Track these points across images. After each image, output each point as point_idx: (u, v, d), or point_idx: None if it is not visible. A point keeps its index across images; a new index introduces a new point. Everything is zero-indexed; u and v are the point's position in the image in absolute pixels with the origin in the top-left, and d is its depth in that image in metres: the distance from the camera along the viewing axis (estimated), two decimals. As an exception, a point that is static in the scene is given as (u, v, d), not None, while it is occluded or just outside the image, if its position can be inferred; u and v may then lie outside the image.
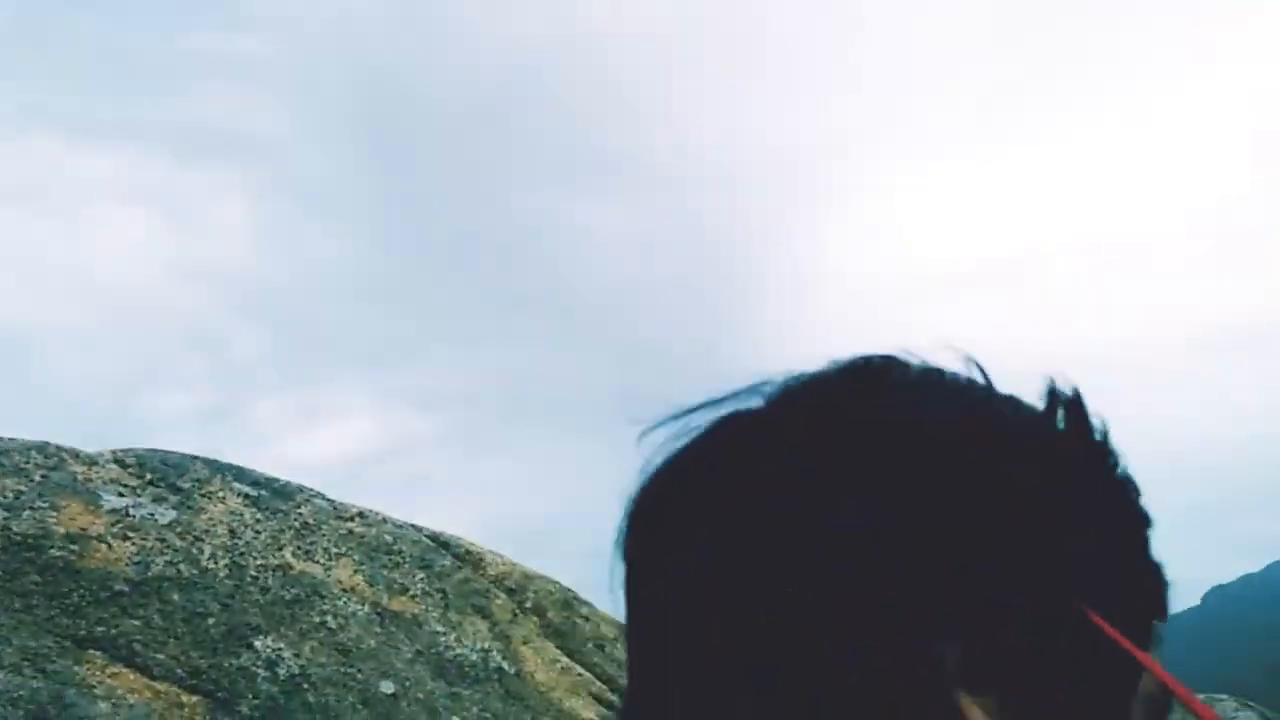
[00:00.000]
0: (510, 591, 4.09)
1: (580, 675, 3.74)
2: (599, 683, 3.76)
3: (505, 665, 3.59)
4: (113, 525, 3.13)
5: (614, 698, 3.72)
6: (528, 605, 4.06)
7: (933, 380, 0.41)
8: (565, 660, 3.80)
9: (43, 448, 3.33)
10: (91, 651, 2.67)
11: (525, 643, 3.78)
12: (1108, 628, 0.37)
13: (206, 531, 3.35)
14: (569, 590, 4.33)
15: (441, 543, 4.19)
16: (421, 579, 3.81)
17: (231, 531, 3.44)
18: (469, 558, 4.17)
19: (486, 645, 3.64)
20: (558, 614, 4.08)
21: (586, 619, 4.12)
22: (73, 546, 2.96)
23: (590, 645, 3.96)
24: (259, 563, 3.36)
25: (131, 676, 2.66)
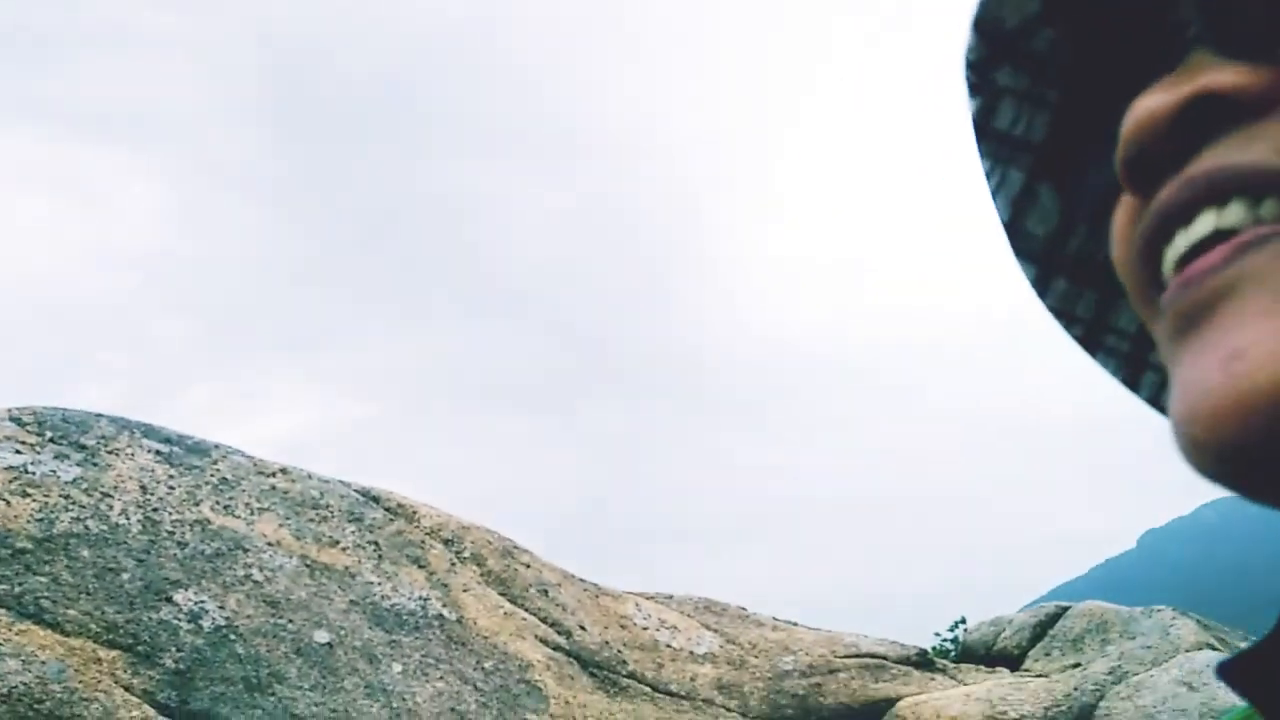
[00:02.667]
0: (447, 542, 3.95)
1: (525, 619, 3.63)
2: (544, 626, 3.66)
3: (446, 612, 3.46)
4: (10, 482, 2.89)
5: (560, 639, 3.63)
6: (465, 555, 3.93)
7: None
8: (508, 606, 3.69)
9: (-74, 405, 3.07)
10: (-7, 609, 2.46)
11: (465, 590, 3.66)
12: None
13: (115, 488, 3.13)
14: (508, 539, 4.21)
15: (372, 497, 4.02)
16: (352, 532, 3.65)
17: (143, 488, 3.22)
18: (401, 511, 4.01)
19: (425, 594, 3.51)
20: (497, 562, 3.96)
21: (527, 566, 4.01)
22: (-34, 504, 2.72)
23: (533, 590, 3.85)
24: (174, 518, 3.16)
25: (41, 633, 2.46)
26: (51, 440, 3.24)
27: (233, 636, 2.79)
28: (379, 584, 3.42)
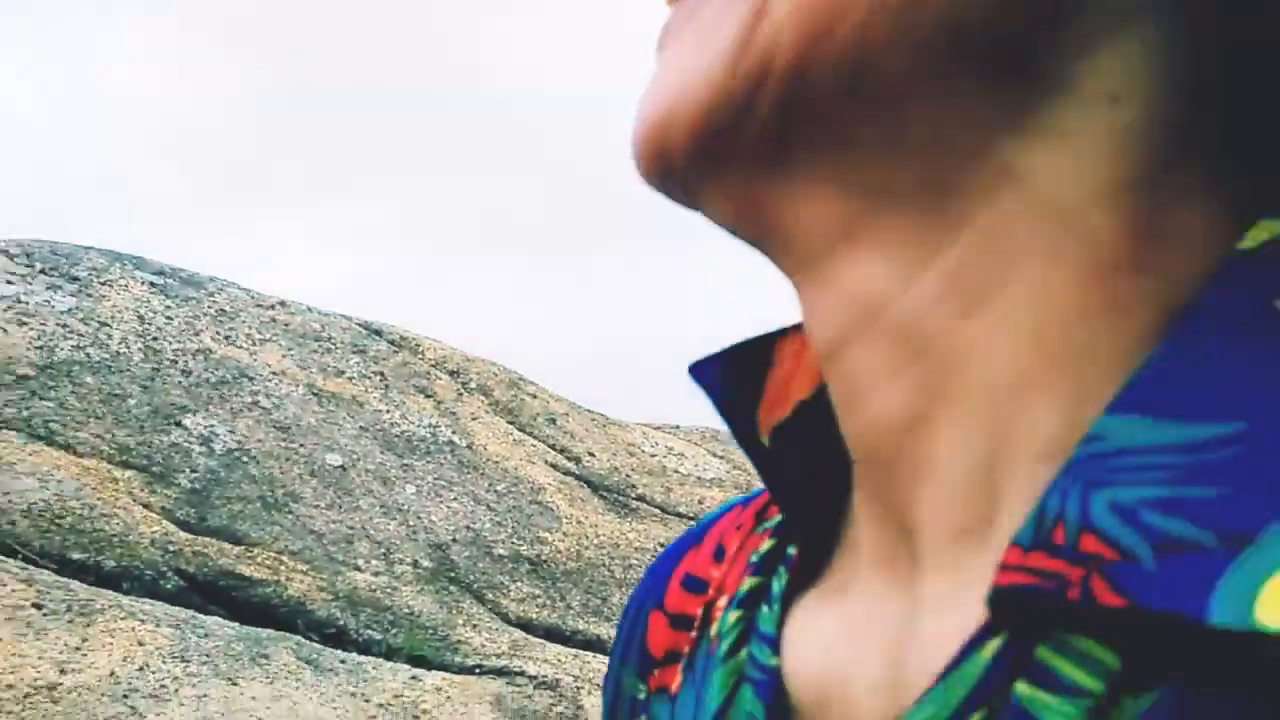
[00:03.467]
0: (452, 374, 3.94)
1: (534, 446, 3.66)
2: (553, 452, 3.70)
3: (455, 439, 3.47)
4: (4, 311, 2.82)
5: (570, 464, 3.67)
6: (472, 386, 3.93)
7: None
8: (516, 433, 3.71)
9: (-92, 235, 2.96)
10: (5, 432, 2.43)
11: (474, 419, 3.67)
12: None
13: (112, 318, 3.07)
14: (513, 371, 4.21)
15: (374, 330, 3.98)
16: (357, 363, 3.62)
17: (140, 318, 3.16)
18: (404, 343, 3.98)
19: (433, 421, 3.51)
20: (504, 393, 3.96)
21: (534, 396, 4.02)
22: (-38, 331, 2.66)
23: (541, 419, 3.87)
24: (175, 347, 3.11)
25: (55, 454, 2.45)
26: (42, 272, 3.16)
27: (245, 459, 2.79)
28: (387, 412, 3.42)
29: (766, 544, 0.34)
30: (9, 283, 3.01)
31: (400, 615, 2.54)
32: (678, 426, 4.75)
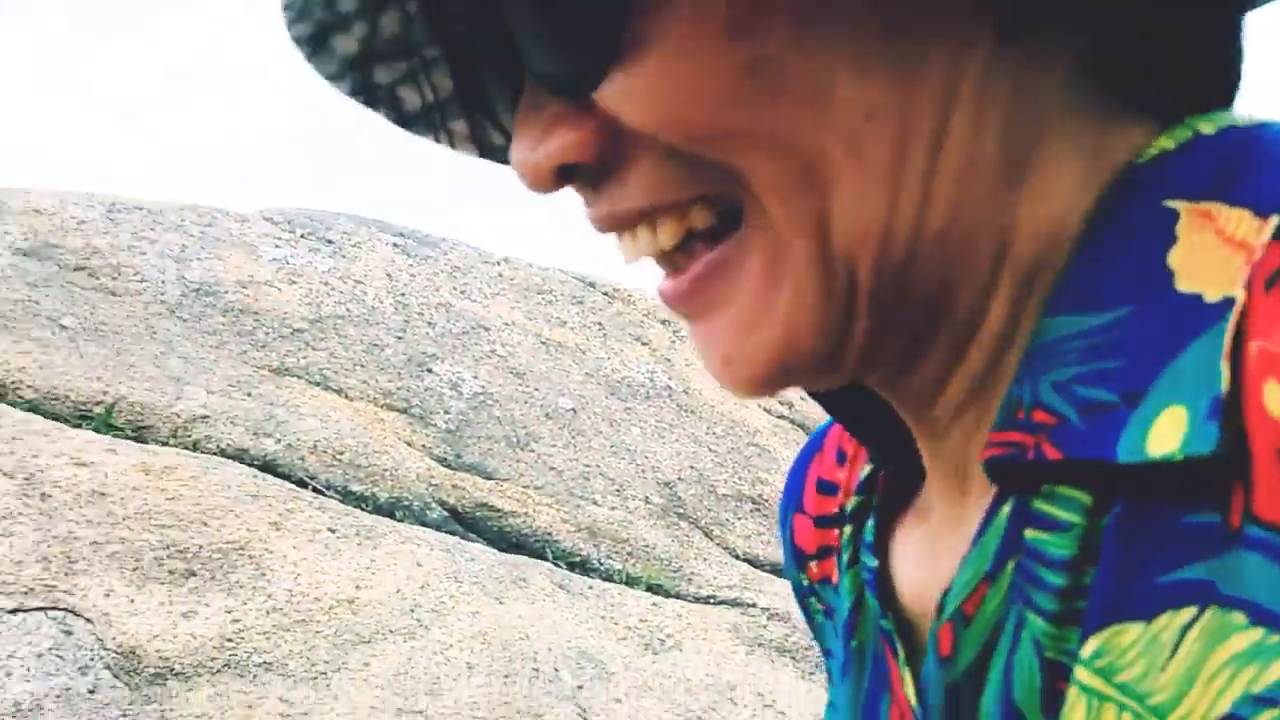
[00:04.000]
0: (664, 323, 4.05)
1: (747, 389, 3.73)
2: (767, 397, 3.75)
3: (672, 384, 3.59)
4: (277, 272, 3.15)
5: (783, 409, 3.71)
6: (683, 334, 4.03)
7: None
8: (730, 377, 3.79)
9: (194, 207, 3.34)
10: (288, 378, 2.74)
11: (688, 365, 3.76)
12: None
13: (365, 276, 3.36)
14: (720, 319, 4.28)
15: (589, 283, 4.15)
16: (576, 313, 3.79)
17: (388, 275, 3.44)
18: (618, 294, 4.13)
19: (651, 368, 3.64)
20: (714, 339, 4.05)
21: (743, 341, 4.08)
22: (245, 291, 2.99)
23: (752, 363, 3.93)
24: (421, 301, 3.37)
25: (330, 398, 2.73)
26: (302, 236, 3.48)
27: (490, 402, 3.00)
28: (608, 359, 3.57)
29: (868, 467, 0.42)
30: (276, 246, 3.35)
31: (637, 547, 2.68)
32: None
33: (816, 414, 3.77)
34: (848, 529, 0.41)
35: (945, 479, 0.35)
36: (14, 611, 1.74)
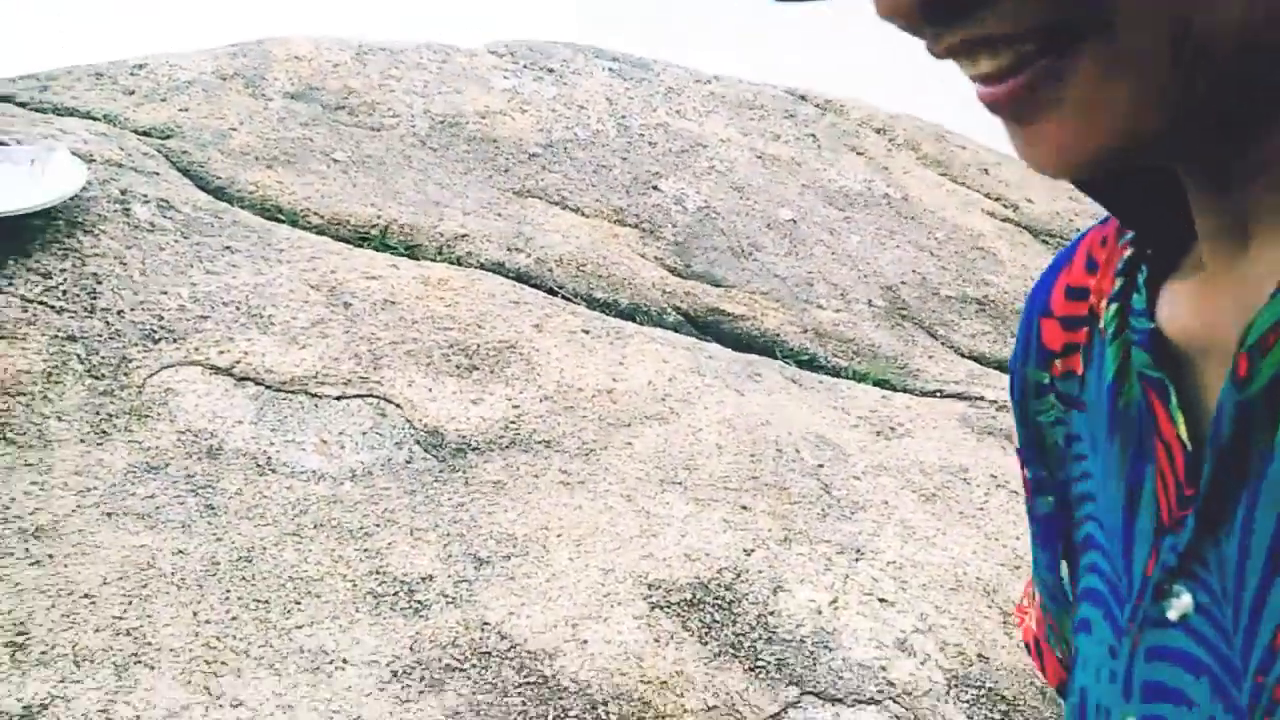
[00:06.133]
0: (879, 131, 3.97)
1: (969, 195, 3.64)
2: (989, 200, 3.65)
3: (891, 192, 3.56)
4: (509, 102, 3.33)
5: (1008, 212, 3.61)
6: (899, 141, 3.94)
7: None
8: (949, 184, 3.70)
9: (429, 45, 3.55)
10: (530, 199, 2.96)
11: (905, 173, 3.71)
12: None
13: (587, 101, 3.49)
14: (937, 124, 4.14)
15: (799, 95, 4.10)
16: (789, 127, 3.78)
17: (608, 100, 3.55)
18: (829, 105, 4.06)
19: (868, 177, 3.61)
20: (932, 146, 3.93)
21: (963, 148, 3.94)
22: (483, 120, 3.20)
23: (973, 170, 3.81)
24: (640, 123, 3.47)
25: (570, 216, 2.93)
26: (525, 66, 3.64)
27: (713, 215, 3.12)
28: (824, 170, 3.58)
29: (1129, 252, 0.45)
30: (505, 78, 3.52)
31: (863, 346, 2.78)
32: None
33: (1043, 215, 3.64)
34: (1111, 308, 0.45)
35: (1222, 238, 0.38)
36: (339, 398, 2.09)
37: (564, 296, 2.65)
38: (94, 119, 2.74)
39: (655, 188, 3.17)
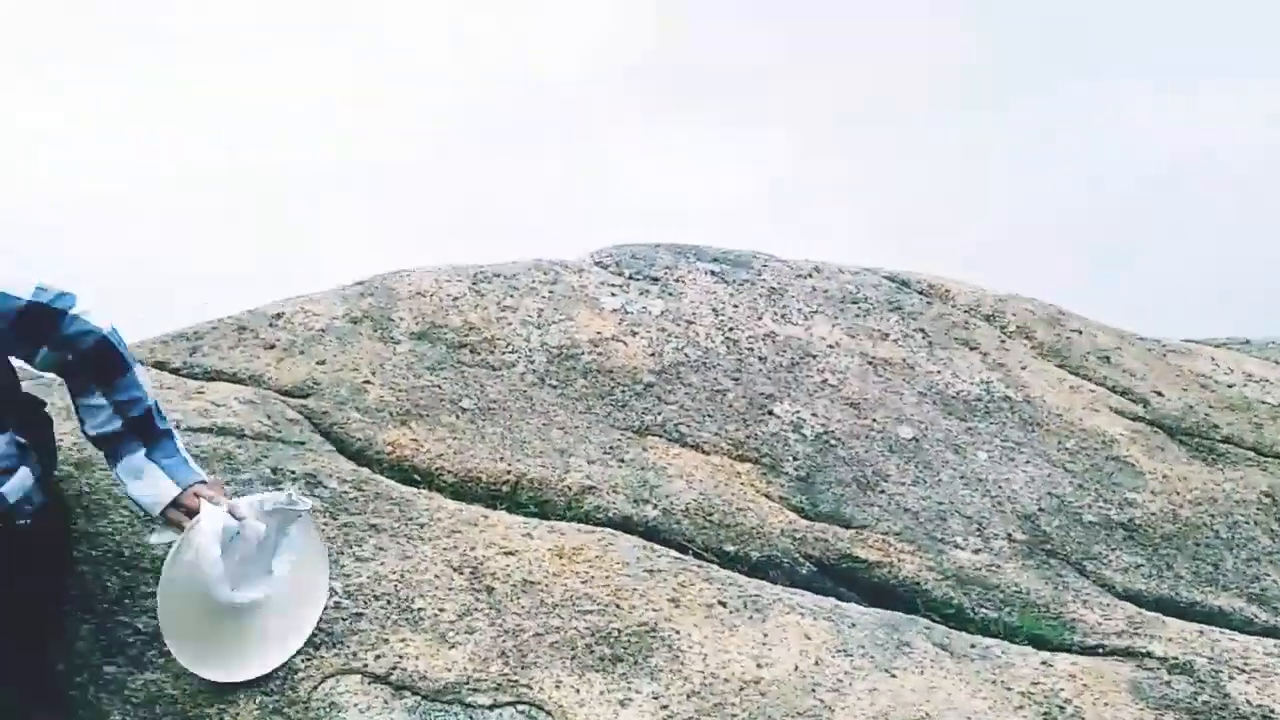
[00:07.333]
0: (988, 318, 3.91)
1: (1093, 391, 3.53)
2: (1115, 396, 3.54)
3: (1011, 394, 3.47)
4: (620, 324, 3.37)
5: (1137, 408, 3.49)
6: (1011, 329, 3.87)
7: None
8: (1071, 378, 3.60)
9: (537, 264, 3.63)
10: (650, 438, 2.95)
11: (1023, 368, 3.62)
12: None
13: (694, 314, 3.51)
14: (1050, 305, 4.06)
15: (901, 281, 4.07)
16: (896, 322, 3.75)
17: (714, 310, 3.57)
18: (934, 292, 4.03)
19: (984, 377, 3.54)
20: (1047, 332, 3.85)
21: (1079, 332, 3.85)
22: (597, 350, 3.23)
23: (1093, 358, 3.71)
24: (748, 334, 3.47)
25: (690, 455, 2.91)
26: (630, 278, 3.69)
27: (833, 441, 3.07)
28: (938, 372, 3.52)
29: None
30: (613, 295, 3.57)
31: (1009, 593, 2.66)
32: (1247, 342, 4.26)
33: (1175, 410, 3.50)
34: None
35: None
36: (492, 707, 2.05)
37: (695, 553, 2.60)
38: (240, 382, 2.83)
39: (770, 412, 3.14)
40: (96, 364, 1.94)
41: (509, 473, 2.72)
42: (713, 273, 3.81)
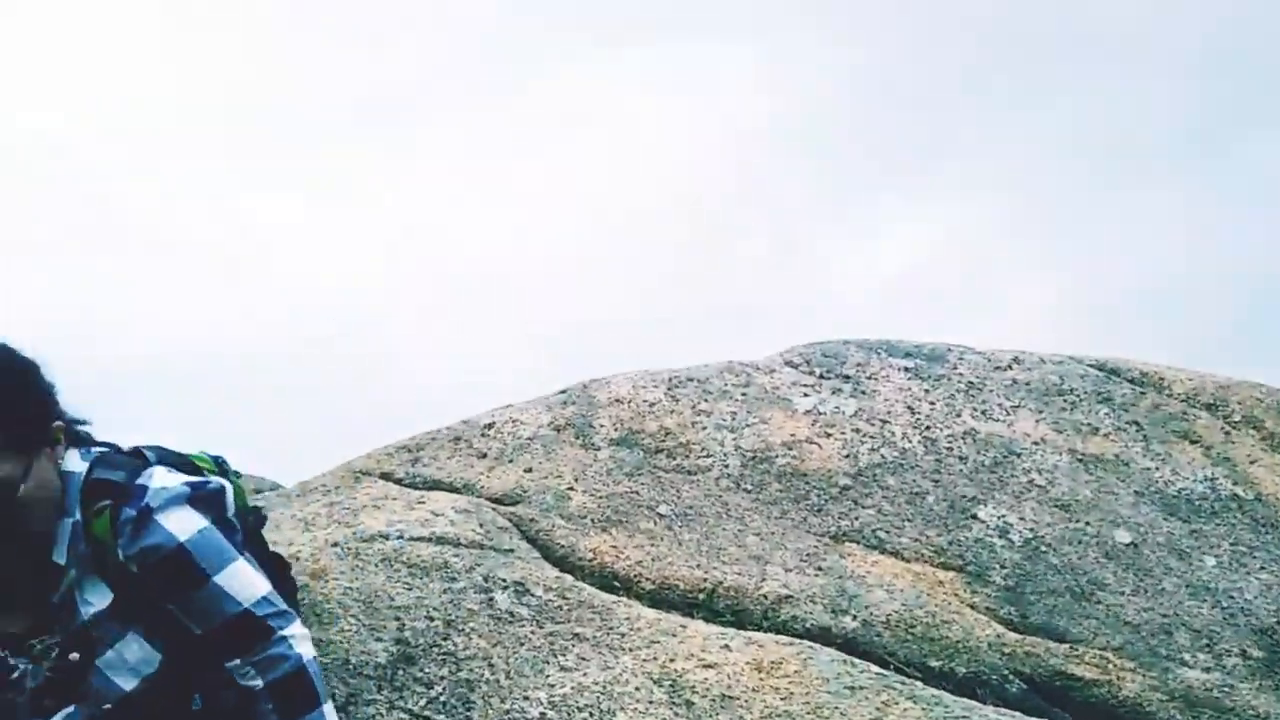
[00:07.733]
0: (1209, 408, 3.66)
1: (1339, 490, 3.23)
2: (1366, 495, 3.22)
3: (1240, 491, 3.23)
4: (813, 425, 3.41)
5: (1394, 510, 3.16)
6: (1236, 419, 3.61)
7: None
8: (1311, 475, 3.31)
9: (729, 368, 3.74)
10: (848, 544, 2.95)
11: (1252, 462, 3.37)
12: None
13: (889, 414, 3.50)
14: (1277, 391, 3.76)
15: (1110, 370, 3.89)
16: (1106, 415, 3.58)
17: (909, 408, 3.54)
18: (1147, 380, 3.82)
19: (1209, 473, 3.31)
20: (1276, 422, 3.56)
21: (1318, 422, 3.54)
22: (791, 452, 3.28)
23: (1336, 452, 3.39)
24: (947, 433, 3.42)
25: (889, 562, 2.89)
26: (821, 377, 3.72)
27: (1043, 547, 2.96)
28: (1157, 469, 3.32)
29: None
30: (805, 395, 3.62)
31: (1245, 717, 2.46)
32: None
33: None
34: None
35: None
36: (697, 823, 2.11)
37: (897, 668, 2.57)
38: (455, 490, 3.08)
39: (974, 516, 3.07)
40: (283, 696, 1.68)
41: (705, 580, 2.79)
42: (906, 369, 3.78)
